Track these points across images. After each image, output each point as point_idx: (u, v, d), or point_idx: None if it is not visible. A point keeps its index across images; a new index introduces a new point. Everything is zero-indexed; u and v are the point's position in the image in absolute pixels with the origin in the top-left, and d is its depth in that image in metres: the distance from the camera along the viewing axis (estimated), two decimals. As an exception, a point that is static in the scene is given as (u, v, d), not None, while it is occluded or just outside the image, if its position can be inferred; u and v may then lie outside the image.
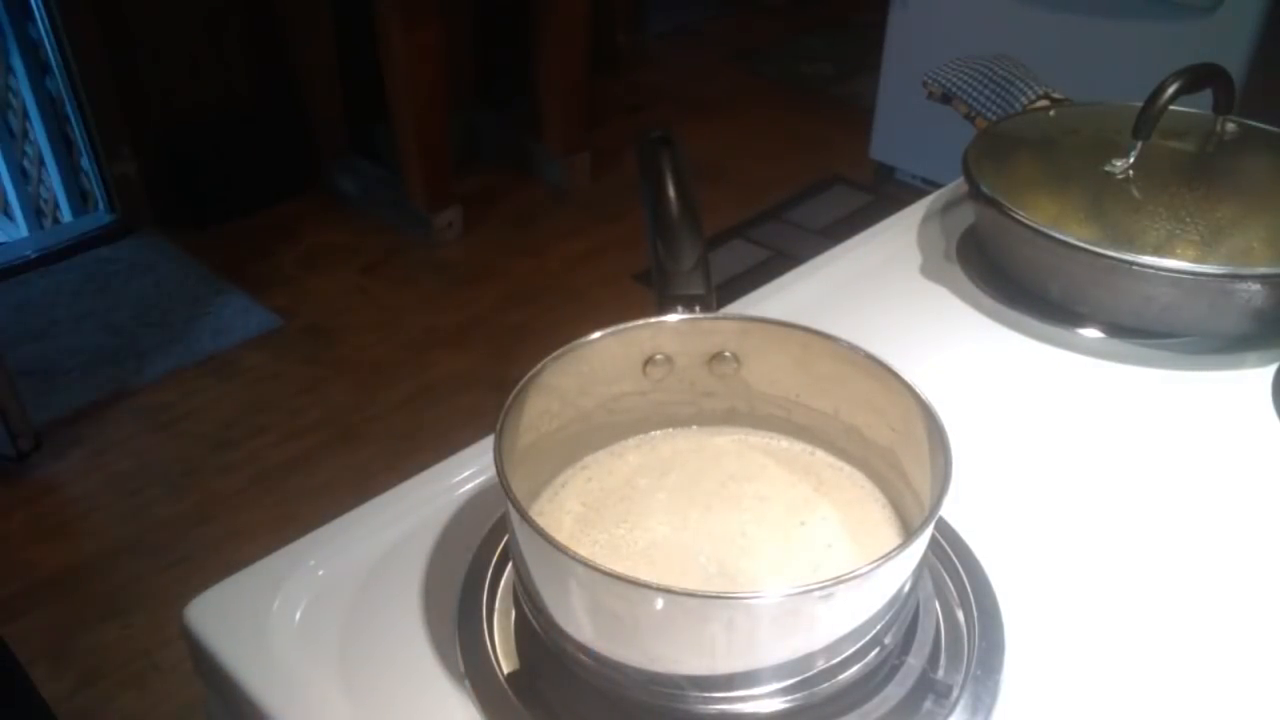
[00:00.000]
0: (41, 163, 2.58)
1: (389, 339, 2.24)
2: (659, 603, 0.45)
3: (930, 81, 1.04)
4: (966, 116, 1.01)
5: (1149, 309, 0.77)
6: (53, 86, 2.42)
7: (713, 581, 0.53)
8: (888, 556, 0.45)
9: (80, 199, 2.57)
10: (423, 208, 2.49)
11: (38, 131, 2.51)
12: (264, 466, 1.91)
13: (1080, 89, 1.00)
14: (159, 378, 2.10)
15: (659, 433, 0.63)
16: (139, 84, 2.43)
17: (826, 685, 0.49)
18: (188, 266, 2.41)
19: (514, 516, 0.49)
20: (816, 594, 0.44)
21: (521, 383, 0.54)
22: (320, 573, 0.59)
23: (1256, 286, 0.74)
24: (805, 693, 0.49)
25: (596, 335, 0.57)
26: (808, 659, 0.47)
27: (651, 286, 0.63)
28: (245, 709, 0.54)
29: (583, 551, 0.51)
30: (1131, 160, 0.84)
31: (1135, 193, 0.84)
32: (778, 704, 0.48)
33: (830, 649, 0.48)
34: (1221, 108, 0.90)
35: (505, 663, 0.54)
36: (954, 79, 1.02)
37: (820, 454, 0.62)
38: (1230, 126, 0.90)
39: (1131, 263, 0.75)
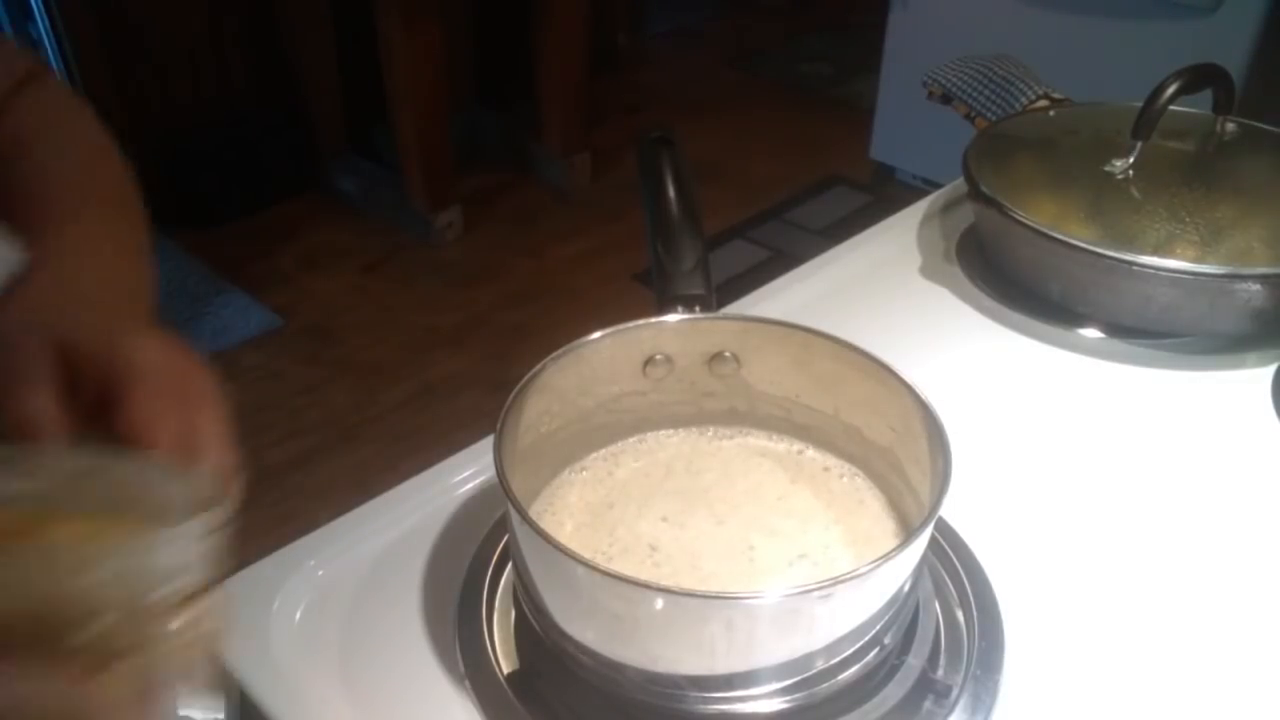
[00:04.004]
0: (41, 163, 2.58)
1: (389, 339, 2.24)
2: (659, 603, 0.45)
3: (930, 81, 1.04)
4: (966, 116, 1.01)
5: (1149, 309, 0.77)
6: (53, 86, 2.42)
7: (712, 581, 0.53)
8: (887, 556, 0.45)
9: (80, 199, 2.57)
10: (423, 208, 2.48)
11: (38, 131, 2.51)
12: (264, 466, 1.91)
13: (1080, 89, 1.00)
14: (159, 378, 2.10)
15: (659, 433, 0.63)
16: (139, 84, 2.43)
17: (826, 685, 0.49)
18: (188, 266, 2.41)
19: (514, 516, 0.49)
20: (816, 594, 0.44)
21: (521, 383, 0.54)
22: (320, 573, 0.59)
23: (1256, 286, 0.74)
24: (805, 693, 0.49)
25: (596, 335, 0.57)
26: (807, 659, 0.47)
27: (651, 286, 0.63)
28: (245, 709, 0.54)
29: (582, 552, 0.51)
30: (1131, 160, 0.84)
31: (1135, 193, 0.84)
32: (777, 704, 0.48)
33: (830, 649, 0.48)
34: (1221, 108, 0.90)
35: (505, 663, 0.54)
36: (954, 79, 1.02)
37: (820, 454, 0.62)
38: (1230, 126, 0.90)
39: (1131, 263, 0.75)
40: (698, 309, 0.60)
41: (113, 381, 0.39)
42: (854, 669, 0.50)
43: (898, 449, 0.56)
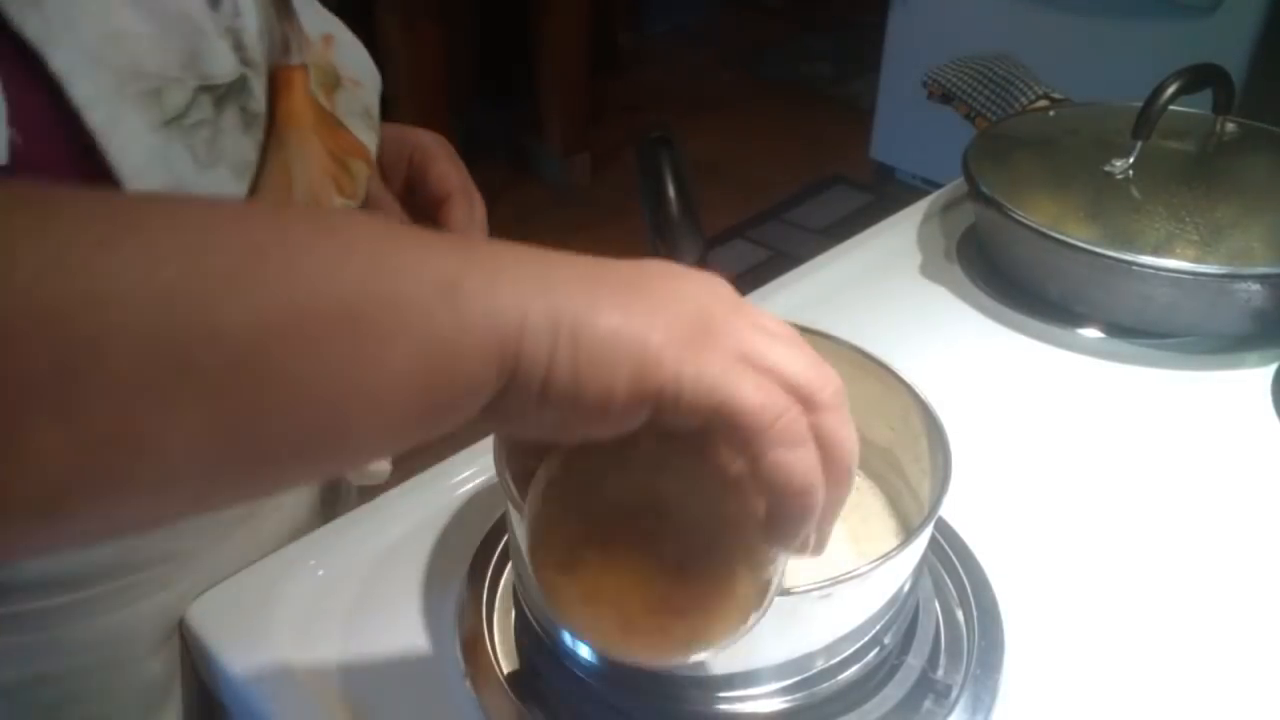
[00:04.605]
0: (41, 162, 2.58)
1: (389, 339, 2.24)
2: (659, 603, 0.45)
3: (930, 81, 1.04)
4: (966, 116, 1.01)
5: (1149, 309, 0.77)
6: (53, 86, 2.42)
7: (712, 581, 0.53)
8: (886, 556, 0.45)
9: (80, 199, 2.57)
10: (423, 207, 2.48)
11: (38, 131, 2.51)
12: (264, 466, 1.90)
13: (1080, 89, 1.00)
14: (159, 377, 2.10)
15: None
16: (139, 84, 2.43)
17: (826, 685, 0.49)
18: (188, 266, 2.41)
19: (514, 516, 0.49)
20: (815, 594, 0.44)
21: (521, 383, 0.54)
22: (320, 573, 0.59)
23: (1256, 286, 0.74)
24: (805, 693, 0.49)
25: (596, 335, 0.57)
26: (807, 659, 0.47)
27: (651, 286, 0.62)
28: (245, 709, 0.54)
29: (582, 551, 0.51)
30: (1131, 160, 0.84)
31: (1135, 193, 0.84)
32: (777, 704, 0.48)
33: (830, 649, 0.48)
34: (1221, 108, 0.90)
35: (505, 663, 0.54)
36: (954, 79, 1.02)
37: (820, 454, 0.61)
38: (1230, 126, 0.90)
39: (1131, 263, 0.75)
40: (698, 309, 0.60)
41: (416, 158, 0.61)
42: (854, 669, 0.49)
43: (897, 449, 0.56)
